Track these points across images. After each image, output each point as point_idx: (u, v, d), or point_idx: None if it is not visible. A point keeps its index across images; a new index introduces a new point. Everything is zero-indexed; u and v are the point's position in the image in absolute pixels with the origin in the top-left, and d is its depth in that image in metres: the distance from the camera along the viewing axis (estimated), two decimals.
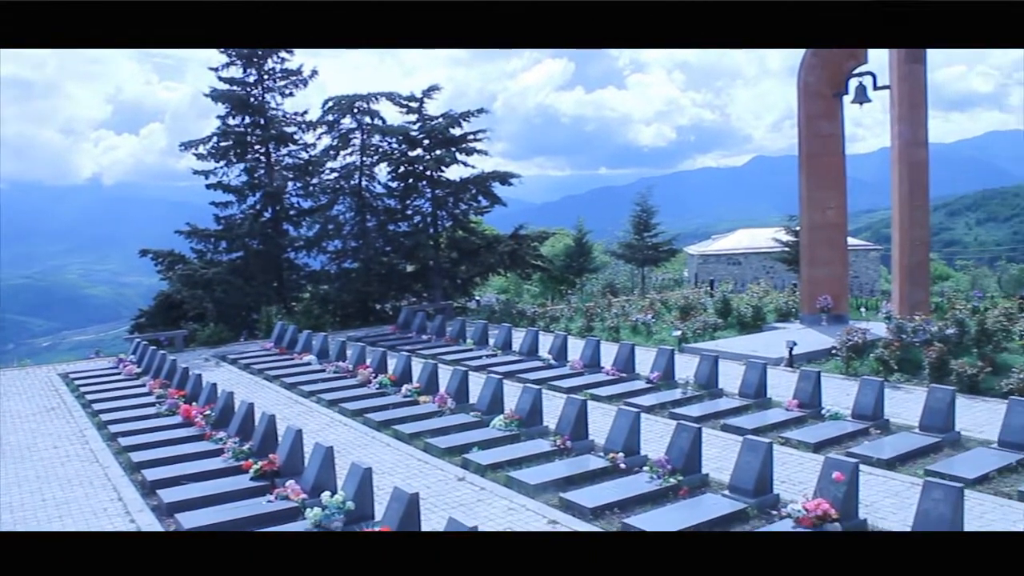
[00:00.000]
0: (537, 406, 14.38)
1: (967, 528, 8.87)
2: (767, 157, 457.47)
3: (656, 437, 13.27)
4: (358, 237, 33.50)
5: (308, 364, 21.31)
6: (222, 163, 32.26)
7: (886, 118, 22.02)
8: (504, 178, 33.52)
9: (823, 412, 14.64)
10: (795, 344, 19.18)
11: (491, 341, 23.12)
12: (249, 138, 32.51)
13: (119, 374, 21.08)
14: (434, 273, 33.00)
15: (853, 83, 22.90)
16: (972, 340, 18.19)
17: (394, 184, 34.07)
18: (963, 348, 17.96)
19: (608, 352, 19.75)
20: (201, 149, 32.00)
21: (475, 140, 33.41)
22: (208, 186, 32.21)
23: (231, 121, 32.52)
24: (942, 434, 12.94)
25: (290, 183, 33.52)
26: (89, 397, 18.22)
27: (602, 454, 12.34)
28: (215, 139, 32.14)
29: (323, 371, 20.29)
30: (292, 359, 22.28)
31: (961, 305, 20.67)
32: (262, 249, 32.19)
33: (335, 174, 33.91)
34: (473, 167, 33.41)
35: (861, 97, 22.70)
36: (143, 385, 19.20)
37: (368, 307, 32.62)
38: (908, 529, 8.95)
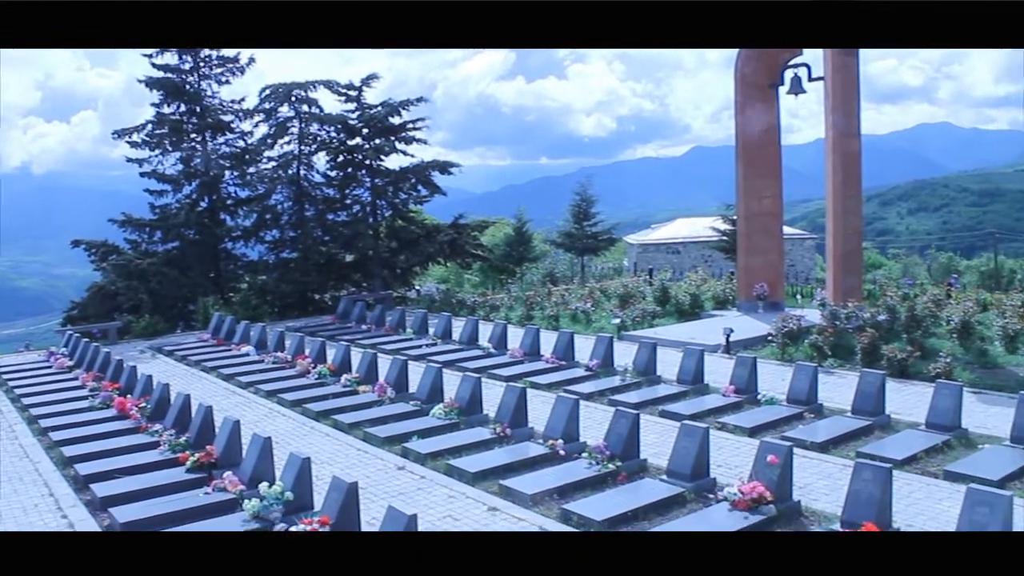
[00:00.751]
0: (477, 394, 14.39)
1: (895, 507, 9.11)
2: (706, 147, 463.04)
3: (595, 424, 13.37)
4: (296, 227, 33.12)
5: (246, 355, 21.06)
6: (157, 151, 31.59)
7: (821, 110, 22.45)
8: (444, 167, 33.38)
9: (759, 397, 14.91)
10: (732, 331, 19.46)
11: (431, 330, 23.08)
12: (185, 126, 31.91)
13: (50, 367, 20.61)
14: (373, 263, 32.79)
15: (788, 74, 23.27)
16: (902, 326, 18.65)
17: (333, 173, 33.75)
18: (894, 334, 18.40)
19: (548, 340, 19.83)
20: (135, 137, 31.33)
21: (415, 129, 33.23)
22: (142, 175, 31.54)
23: (166, 109, 31.89)
24: (873, 417, 13.26)
25: (227, 172, 32.90)
26: (19, 391, 17.76)
27: (541, 441, 12.42)
28: (150, 127, 31.48)
29: (261, 362, 20.07)
30: (230, 350, 22.00)
31: (892, 292, 21.18)
32: (198, 239, 31.65)
33: (273, 163, 33.45)
34: (413, 156, 33.26)
35: (796, 88, 23.08)
36: (75, 378, 18.80)
37: (307, 297, 32.31)
38: (839, 510, 9.16)
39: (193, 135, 32.18)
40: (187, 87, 31.81)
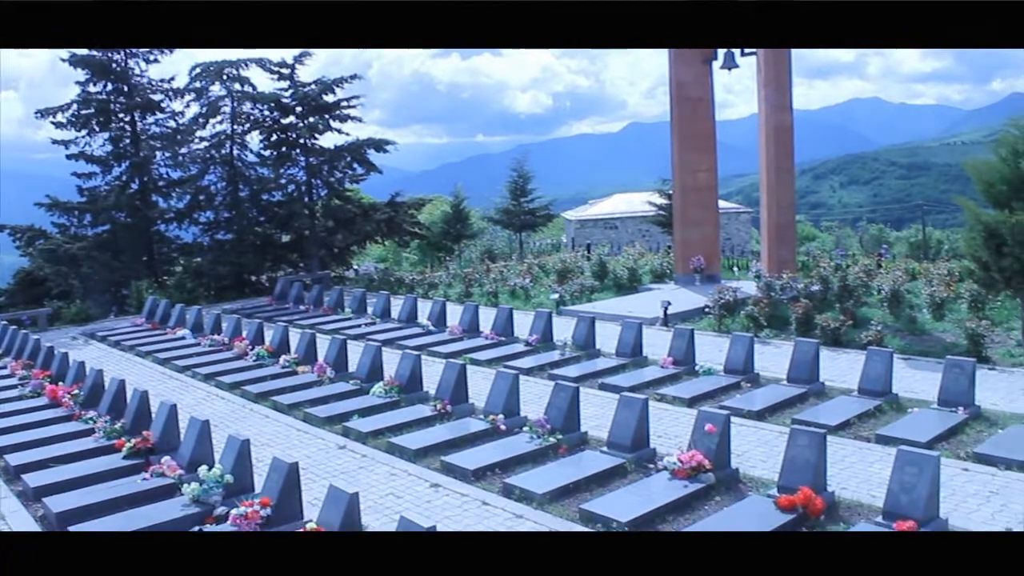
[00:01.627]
0: (417, 372, 14.37)
1: (830, 471, 9.32)
2: (642, 123, 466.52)
3: (535, 398, 13.44)
4: (231, 207, 32.59)
5: (182, 339, 20.73)
6: (84, 132, 30.86)
7: (754, 85, 22.67)
8: (379, 145, 33.08)
9: (697, 368, 15.10)
10: (670, 304, 19.65)
11: (370, 309, 22.95)
12: (112, 106, 31.16)
13: None
14: (310, 243, 32.46)
15: (722, 50, 23.42)
16: (835, 296, 19.03)
17: (267, 153, 33.20)
18: (827, 304, 18.76)
19: (487, 317, 19.84)
20: (60, 117, 30.51)
21: (349, 107, 32.90)
22: (69, 156, 30.77)
23: (92, 88, 31.08)
24: (808, 385, 13.53)
25: (158, 153, 32.30)
26: None
27: (482, 417, 12.46)
28: (75, 107, 30.70)
29: (198, 345, 19.79)
30: (165, 334, 21.64)
31: (825, 263, 21.58)
32: (130, 222, 31.00)
33: (205, 143, 32.83)
34: (348, 135, 32.96)
35: (729, 63, 23.28)
36: (4, 367, 18.34)
37: (243, 279, 31.85)
38: (776, 475, 9.34)
39: (121, 115, 31.45)
40: (114, 66, 31.04)
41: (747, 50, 22.83)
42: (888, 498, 8.41)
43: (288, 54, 32.84)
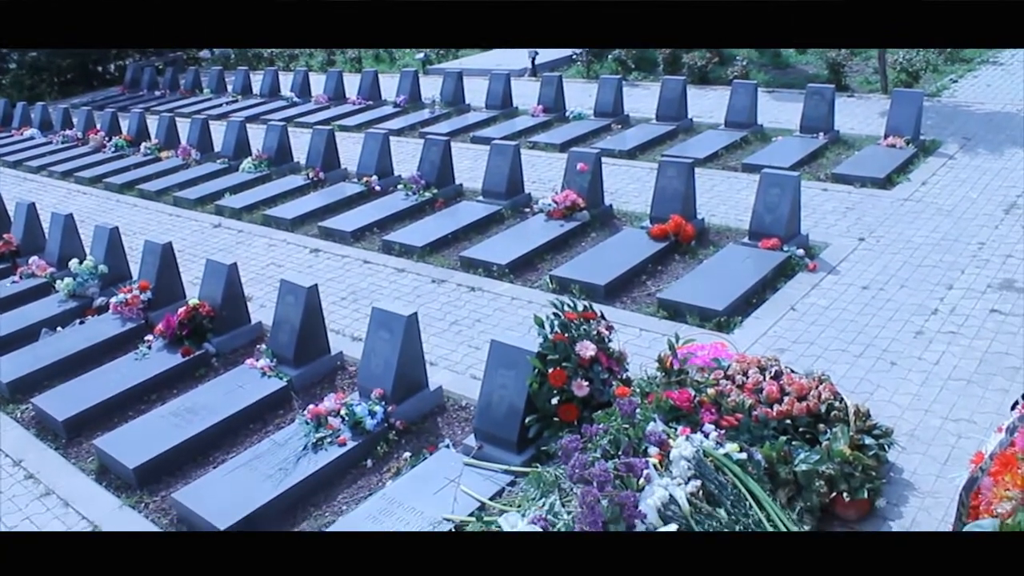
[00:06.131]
0: (285, 143, 14.01)
1: (699, 200, 9.60)
2: None
3: (409, 157, 13.27)
4: None
5: (31, 139, 19.52)
6: None
7: None
8: None
9: (567, 114, 15.11)
10: (537, 53, 19.34)
11: (229, 87, 22.01)
12: None
13: None
14: None
15: None
16: None
17: None
18: None
19: (352, 83, 19.23)
20: None
21: None
22: None
23: None
24: (676, 122, 13.71)
25: None
26: None
27: (356, 180, 12.31)
28: None
29: (50, 143, 18.70)
30: (11, 136, 20.33)
31: None
32: None
33: None
34: None
35: None
36: None
37: (89, 70, 29.80)
38: (648, 209, 9.58)
39: None
40: None
41: None
42: (753, 219, 8.75)
43: None
